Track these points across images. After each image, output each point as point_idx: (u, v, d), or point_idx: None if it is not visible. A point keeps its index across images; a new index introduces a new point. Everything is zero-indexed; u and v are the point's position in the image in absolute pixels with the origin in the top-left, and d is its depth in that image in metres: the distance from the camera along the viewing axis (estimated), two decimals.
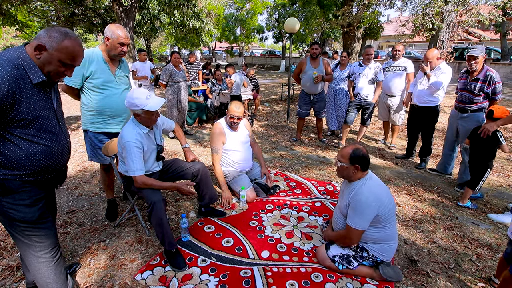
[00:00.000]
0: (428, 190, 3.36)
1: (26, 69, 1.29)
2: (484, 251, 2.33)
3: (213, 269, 2.06)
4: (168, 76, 4.88)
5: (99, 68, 2.28)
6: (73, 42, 1.34)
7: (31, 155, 1.37)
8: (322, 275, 2.01)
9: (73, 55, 1.35)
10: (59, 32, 1.32)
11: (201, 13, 12.93)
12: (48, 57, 1.31)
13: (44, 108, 1.39)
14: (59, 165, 1.55)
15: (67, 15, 12.00)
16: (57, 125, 1.48)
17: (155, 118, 2.19)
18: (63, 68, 1.37)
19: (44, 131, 1.40)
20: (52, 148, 1.45)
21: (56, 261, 1.59)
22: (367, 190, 1.89)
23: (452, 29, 7.24)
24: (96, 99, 2.32)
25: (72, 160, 4.12)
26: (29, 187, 1.43)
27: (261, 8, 23.44)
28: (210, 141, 3.05)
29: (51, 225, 1.56)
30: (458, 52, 14.89)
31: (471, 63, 3.06)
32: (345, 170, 1.97)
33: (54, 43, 1.30)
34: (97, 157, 2.51)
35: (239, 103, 2.98)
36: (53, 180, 1.59)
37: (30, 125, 1.34)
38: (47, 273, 1.57)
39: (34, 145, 1.38)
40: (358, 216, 1.87)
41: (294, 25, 5.50)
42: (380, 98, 4.66)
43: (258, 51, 37.52)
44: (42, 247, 1.51)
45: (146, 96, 2.07)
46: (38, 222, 1.47)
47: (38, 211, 1.46)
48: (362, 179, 1.97)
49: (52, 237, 1.55)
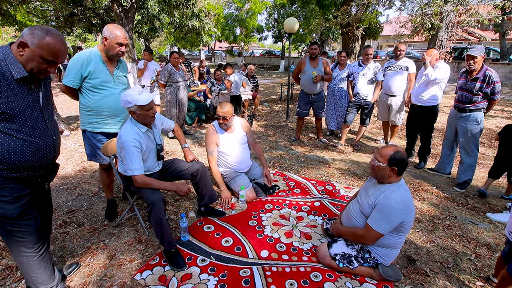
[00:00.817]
0: (427, 190, 3.36)
1: (9, 65, 1.32)
2: (482, 250, 2.34)
3: (212, 268, 2.07)
4: (167, 76, 4.88)
5: (97, 68, 2.28)
6: (55, 39, 1.36)
7: (12, 150, 1.38)
8: (321, 275, 2.01)
9: (54, 52, 1.36)
10: (41, 30, 1.34)
11: (201, 13, 12.93)
12: (30, 54, 1.33)
13: (27, 104, 1.40)
14: (44, 162, 1.53)
15: (66, 15, 11.98)
16: (42, 122, 1.48)
17: (151, 115, 2.18)
18: (45, 65, 1.38)
19: (26, 126, 1.41)
20: (35, 144, 1.45)
21: (40, 256, 1.59)
22: (400, 196, 1.84)
23: (451, 29, 7.25)
24: (94, 99, 2.32)
25: (71, 160, 4.12)
26: (12, 184, 1.43)
27: (261, 8, 23.44)
28: (205, 143, 3.05)
29: (34, 222, 1.54)
30: (457, 52, 14.90)
31: (470, 63, 3.08)
32: (381, 170, 1.89)
33: (36, 40, 1.32)
34: (96, 157, 2.51)
35: (226, 103, 2.95)
36: (39, 177, 1.58)
37: (10, 119, 1.35)
38: (31, 267, 1.58)
39: (14, 140, 1.38)
40: (383, 220, 1.83)
41: (293, 25, 5.50)
42: (380, 98, 4.67)
43: (257, 51, 37.55)
44: (24, 242, 1.52)
45: (137, 92, 2.09)
46: (19, 219, 1.47)
47: (19, 208, 1.46)
48: (395, 184, 1.91)
49: (34, 233, 1.54)
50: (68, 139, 4.95)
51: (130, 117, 2.20)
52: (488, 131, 5.65)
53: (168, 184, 2.23)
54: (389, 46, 29.14)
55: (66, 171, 3.73)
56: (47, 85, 1.56)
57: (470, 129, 3.24)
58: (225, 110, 2.90)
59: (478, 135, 3.25)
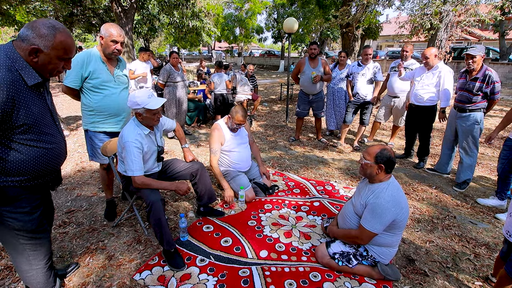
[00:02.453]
0: (426, 190, 3.37)
1: (20, 71, 1.22)
2: (481, 250, 2.34)
3: (211, 268, 2.07)
4: (167, 76, 4.88)
5: (97, 68, 2.28)
6: (65, 35, 1.29)
7: (32, 159, 1.34)
8: (320, 275, 2.01)
9: (69, 46, 1.31)
10: (47, 28, 1.24)
11: (200, 13, 12.94)
12: (46, 58, 1.26)
13: (41, 110, 1.35)
14: (58, 165, 1.53)
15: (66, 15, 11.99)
16: (54, 126, 1.46)
17: (157, 119, 2.18)
18: (62, 63, 1.34)
19: (43, 134, 1.38)
20: (52, 151, 1.43)
21: (48, 267, 1.59)
22: (389, 194, 1.87)
23: (450, 29, 7.25)
24: (95, 99, 2.33)
25: (71, 160, 4.11)
26: (28, 194, 1.40)
27: (260, 8, 23.45)
28: (209, 141, 3.05)
29: (47, 234, 1.54)
30: (457, 52, 14.91)
31: (469, 62, 3.08)
32: (369, 168, 1.94)
33: (48, 42, 1.24)
34: (98, 156, 2.51)
35: (244, 110, 2.97)
36: (50, 182, 1.56)
37: (29, 130, 1.30)
38: (38, 278, 1.57)
39: (34, 150, 1.35)
40: (375, 219, 1.85)
41: (292, 25, 5.51)
42: (383, 99, 4.67)
43: (257, 51, 37.54)
44: (35, 255, 1.50)
45: (148, 95, 2.09)
46: (36, 231, 1.45)
47: (37, 219, 1.44)
48: (385, 183, 1.94)
49: (46, 245, 1.54)
50: (67, 139, 4.95)
51: (134, 117, 2.20)
52: (488, 131, 5.65)
53: (167, 184, 2.23)
54: (389, 46, 29.17)
55: (66, 171, 3.73)
56: (47, 86, 1.53)
57: (470, 129, 3.24)
58: (245, 117, 2.95)
59: (477, 135, 3.25)
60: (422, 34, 7.60)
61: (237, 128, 3.00)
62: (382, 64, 16.81)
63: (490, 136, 2.92)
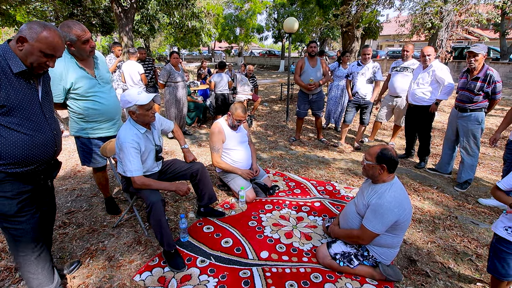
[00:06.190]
0: (428, 190, 3.35)
1: (7, 59, 1.36)
2: (483, 250, 2.33)
3: (212, 269, 2.06)
4: (167, 76, 4.87)
5: (77, 76, 2.15)
6: (52, 33, 1.39)
7: (12, 143, 1.40)
8: (322, 276, 2.00)
9: (53, 45, 1.40)
10: (38, 25, 1.39)
11: (200, 13, 12.93)
12: (29, 48, 1.37)
13: (26, 98, 1.42)
14: (45, 157, 1.54)
15: (66, 15, 11.99)
16: (41, 116, 1.50)
17: (151, 115, 2.16)
18: (45, 59, 1.41)
19: (26, 119, 1.43)
20: (35, 138, 1.47)
21: (37, 256, 1.59)
22: (392, 195, 1.85)
23: (451, 28, 7.23)
24: (85, 107, 2.23)
25: (71, 160, 4.11)
26: (14, 179, 1.45)
27: (260, 7, 23.44)
28: (209, 140, 3.05)
29: (31, 220, 1.53)
30: (457, 52, 14.90)
31: (471, 60, 3.04)
32: (371, 169, 1.93)
33: (34, 34, 1.36)
34: (91, 161, 2.45)
35: (245, 107, 2.98)
36: (42, 174, 1.59)
37: (10, 112, 1.37)
38: (28, 267, 1.58)
39: (15, 133, 1.40)
40: (377, 220, 1.84)
41: (292, 24, 5.50)
42: (385, 99, 4.66)
43: (257, 51, 37.54)
44: (20, 241, 1.52)
45: (137, 92, 2.10)
46: (16, 215, 1.47)
47: (17, 205, 1.46)
48: (388, 183, 1.92)
49: (30, 231, 1.53)
50: (67, 140, 4.93)
51: (129, 117, 2.19)
52: (489, 131, 5.64)
53: (167, 184, 2.22)
54: (389, 45, 29.17)
55: (66, 172, 3.72)
56: (46, 82, 1.58)
57: (471, 129, 3.23)
58: (245, 114, 2.97)
59: (479, 134, 3.24)
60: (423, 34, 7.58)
61: (238, 124, 2.99)
62: (382, 63, 16.78)
63: (494, 138, 2.91)
